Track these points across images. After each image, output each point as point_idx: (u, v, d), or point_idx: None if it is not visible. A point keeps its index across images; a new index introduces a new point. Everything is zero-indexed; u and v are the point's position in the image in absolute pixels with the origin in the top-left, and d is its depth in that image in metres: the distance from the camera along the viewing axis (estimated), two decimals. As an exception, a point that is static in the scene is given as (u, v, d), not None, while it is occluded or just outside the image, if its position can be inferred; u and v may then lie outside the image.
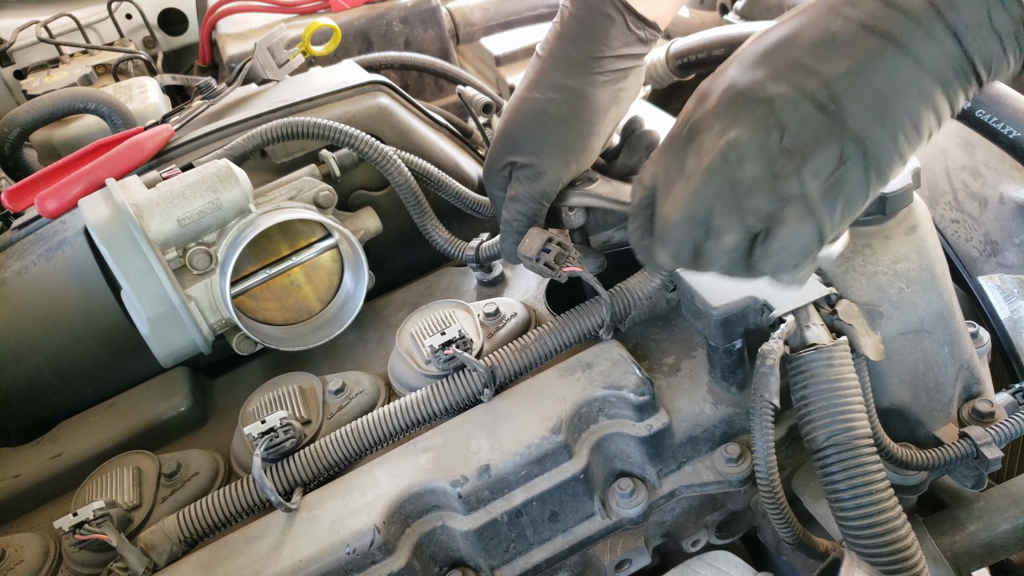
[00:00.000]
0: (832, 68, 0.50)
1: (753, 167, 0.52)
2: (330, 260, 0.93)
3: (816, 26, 0.52)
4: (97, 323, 0.92)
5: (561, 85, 0.74)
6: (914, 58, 0.50)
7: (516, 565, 0.73)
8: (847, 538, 0.62)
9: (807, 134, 0.51)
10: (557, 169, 0.75)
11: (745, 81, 0.53)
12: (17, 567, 0.73)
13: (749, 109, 0.52)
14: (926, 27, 0.49)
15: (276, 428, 0.73)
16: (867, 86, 0.50)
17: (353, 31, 1.57)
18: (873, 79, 0.50)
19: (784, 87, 0.51)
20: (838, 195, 0.52)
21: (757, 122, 0.52)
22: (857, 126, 0.50)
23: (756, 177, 0.52)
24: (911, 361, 0.73)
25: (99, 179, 0.91)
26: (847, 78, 0.50)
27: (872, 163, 0.51)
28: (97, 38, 2.00)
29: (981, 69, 0.51)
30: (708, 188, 0.54)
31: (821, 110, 0.51)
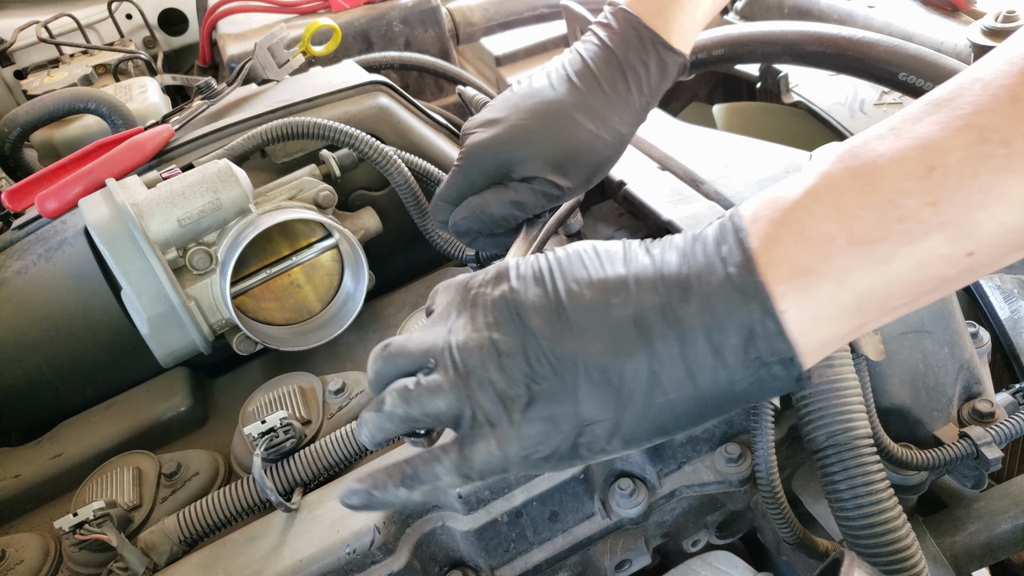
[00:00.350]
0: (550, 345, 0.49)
1: (494, 371, 0.51)
2: (330, 260, 0.93)
3: (598, 292, 0.49)
4: (97, 323, 0.92)
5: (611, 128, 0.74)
6: (658, 374, 0.47)
7: (516, 565, 0.73)
8: (847, 538, 0.62)
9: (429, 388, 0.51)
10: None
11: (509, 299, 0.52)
12: (17, 567, 0.73)
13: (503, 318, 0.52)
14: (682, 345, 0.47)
15: (276, 428, 0.73)
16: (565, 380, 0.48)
17: (353, 31, 1.57)
18: (610, 374, 0.48)
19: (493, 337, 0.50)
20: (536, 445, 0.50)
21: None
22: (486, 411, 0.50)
23: (494, 382, 0.51)
24: (911, 361, 0.73)
25: (99, 179, 0.91)
26: (593, 360, 0.48)
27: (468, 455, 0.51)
28: (97, 38, 2.00)
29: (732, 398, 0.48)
30: (472, 350, 0.54)
31: (461, 378, 0.50)
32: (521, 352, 0.49)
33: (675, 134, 0.91)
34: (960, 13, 1.26)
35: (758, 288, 0.45)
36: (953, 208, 0.41)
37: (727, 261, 0.46)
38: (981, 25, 1.12)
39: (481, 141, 0.74)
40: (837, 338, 0.46)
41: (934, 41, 1.21)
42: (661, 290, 0.47)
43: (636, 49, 0.74)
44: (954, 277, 0.43)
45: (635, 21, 0.74)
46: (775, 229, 0.46)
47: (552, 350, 0.49)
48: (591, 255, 0.52)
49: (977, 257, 0.42)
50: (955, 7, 1.27)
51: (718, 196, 0.81)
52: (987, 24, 1.11)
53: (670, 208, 0.82)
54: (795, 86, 1.37)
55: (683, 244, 0.49)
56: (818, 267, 0.44)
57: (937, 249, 0.42)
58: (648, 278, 0.48)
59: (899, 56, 1.00)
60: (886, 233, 0.42)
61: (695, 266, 0.47)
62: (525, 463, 0.51)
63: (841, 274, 0.44)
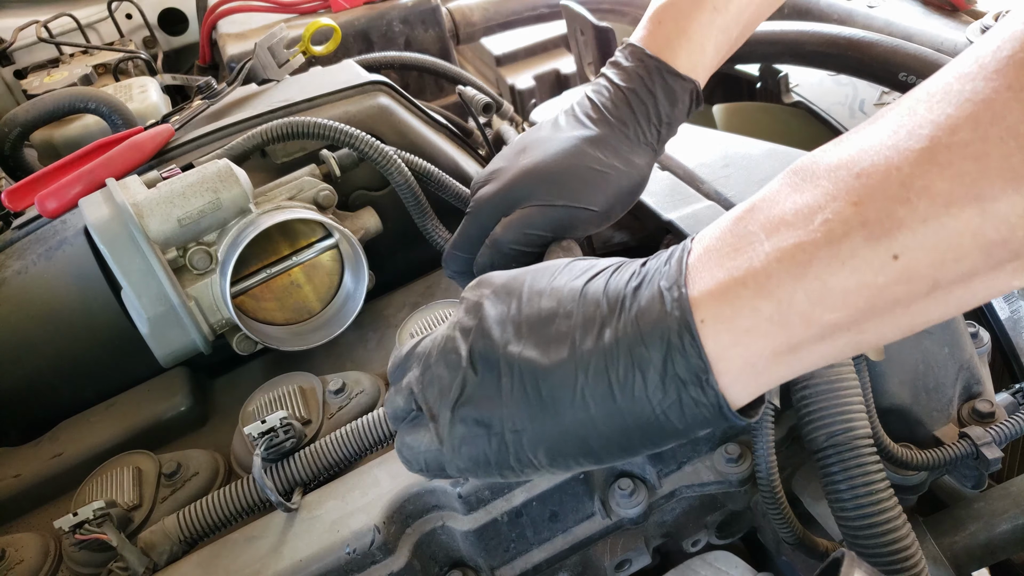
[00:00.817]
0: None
1: (441, 368, 0.54)
2: (330, 260, 0.93)
3: (555, 302, 0.50)
4: (97, 323, 0.92)
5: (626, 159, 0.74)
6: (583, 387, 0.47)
7: (516, 565, 0.73)
8: (847, 538, 0.62)
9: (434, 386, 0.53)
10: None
11: (478, 303, 0.54)
12: (17, 567, 0.73)
13: (466, 325, 0.54)
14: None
15: (276, 428, 0.73)
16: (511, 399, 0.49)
17: (353, 31, 1.57)
18: (541, 384, 0.48)
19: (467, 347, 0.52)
20: (469, 452, 0.52)
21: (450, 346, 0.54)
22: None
23: (441, 377, 0.54)
24: (911, 361, 0.73)
25: (99, 179, 0.91)
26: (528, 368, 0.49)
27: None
28: (97, 38, 2.00)
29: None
30: (433, 351, 0.57)
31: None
32: (468, 353, 0.51)
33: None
34: (960, 13, 1.26)
35: (681, 299, 0.44)
36: (874, 204, 0.39)
37: (662, 274, 0.46)
38: (981, 25, 1.12)
39: (488, 190, 0.76)
40: (763, 359, 0.43)
41: (934, 41, 1.21)
42: (603, 304, 0.47)
43: (642, 79, 0.75)
44: (885, 286, 0.39)
45: (641, 53, 0.75)
46: (714, 242, 0.45)
47: (496, 354, 0.50)
48: (559, 268, 0.53)
49: (905, 262, 0.38)
50: (955, 7, 1.27)
51: (718, 196, 0.81)
52: (987, 24, 1.11)
53: (670, 208, 0.82)
54: (795, 86, 1.37)
55: (633, 266, 0.50)
56: (739, 275, 0.42)
57: (858, 250, 0.39)
58: (596, 293, 0.48)
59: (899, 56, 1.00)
60: (808, 236, 0.40)
61: (638, 283, 0.47)
62: (458, 462, 0.52)
63: (761, 281, 0.41)
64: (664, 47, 0.75)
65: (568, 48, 1.77)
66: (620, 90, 0.75)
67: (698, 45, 0.75)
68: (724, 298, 0.43)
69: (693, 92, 0.76)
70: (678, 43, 0.75)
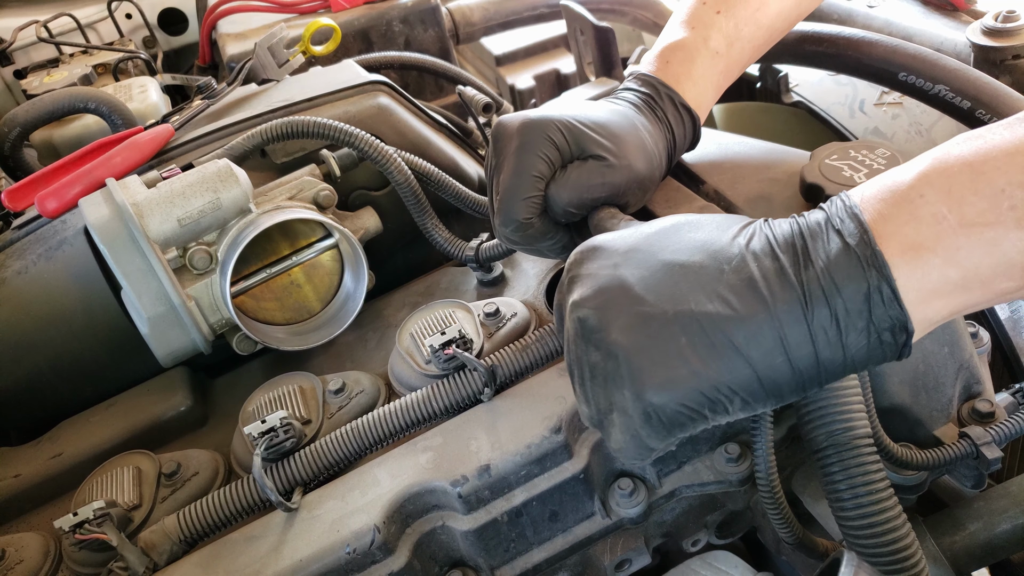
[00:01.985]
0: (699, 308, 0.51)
1: (595, 356, 0.53)
2: (330, 260, 0.93)
3: (717, 260, 0.52)
4: (97, 323, 0.92)
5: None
6: (779, 335, 0.49)
7: (516, 565, 0.73)
8: (847, 538, 0.62)
9: None
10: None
11: (624, 274, 0.53)
12: (17, 567, 0.73)
13: (610, 301, 0.53)
14: (809, 308, 0.49)
15: (276, 428, 0.73)
16: (722, 336, 0.50)
17: (353, 31, 1.57)
18: (733, 335, 0.50)
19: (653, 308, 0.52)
20: (661, 420, 0.51)
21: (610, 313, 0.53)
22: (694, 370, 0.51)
23: (596, 367, 0.53)
24: (911, 361, 0.73)
25: (99, 179, 0.91)
26: (710, 321, 0.50)
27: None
28: (97, 38, 2.00)
29: (854, 361, 0.50)
30: (569, 354, 0.56)
31: None
32: (626, 324, 0.51)
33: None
34: (960, 13, 1.26)
35: (876, 256, 0.48)
36: None
37: (843, 233, 0.50)
38: (981, 25, 1.12)
39: (542, 116, 0.72)
40: (941, 316, 0.49)
41: (934, 41, 1.21)
42: (780, 257, 0.50)
43: (654, 99, 0.78)
44: None
45: (654, 80, 0.79)
46: (886, 208, 0.50)
47: (663, 316, 0.51)
48: (689, 225, 0.55)
49: None
50: (955, 7, 1.26)
51: (718, 196, 0.81)
52: (987, 24, 1.11)
53: (669, 208, 0.82)
54: (795, 86, 1.37)
55: (786, 223, 0.53)
56: (928, 244, 0.48)
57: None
58: (761, 246, 0.51)
59: (899, 56, 1.00)
60: (997, 218, 0.46)
61: (809, 238, 0.51)
62: (657, 431, 0.52)
63: (950, 252, 0.47)
64: (673, 84, 0.78)
65: (568, 48, 1.77)
66: (647, 98, 0.78)
67: (702, 87, 0.80)
68: (916, 265, 0.48)
69: (696, 126, 0.80)
70: (685, 83, 0.78)
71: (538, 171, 0.70)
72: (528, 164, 0.70)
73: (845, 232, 0.50)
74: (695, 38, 0.80)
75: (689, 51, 0.79)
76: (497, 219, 0.73)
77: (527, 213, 0.71)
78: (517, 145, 0.71)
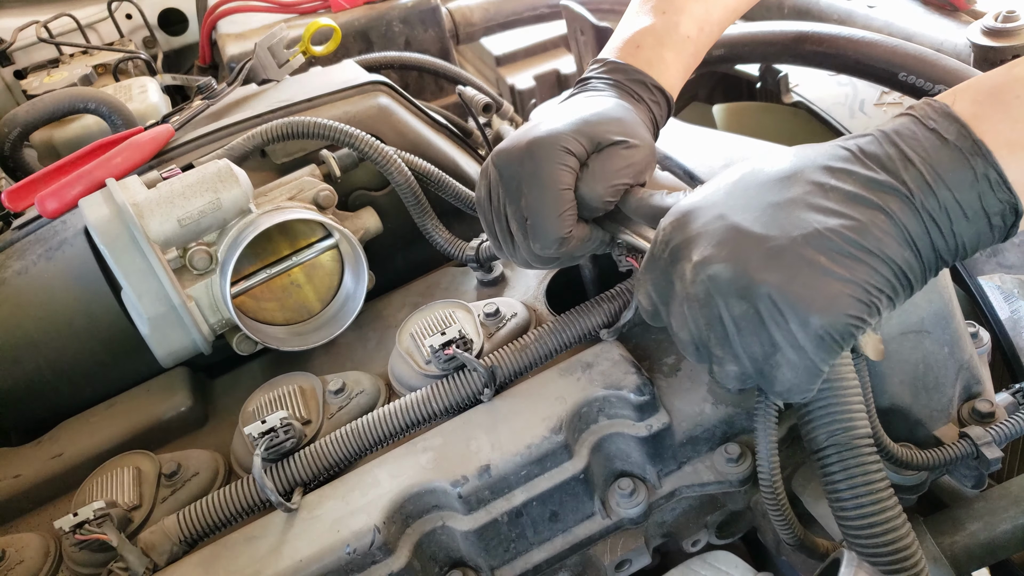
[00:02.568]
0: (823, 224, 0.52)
1: (740, 306, 0.53)
2: (330, 260, 0.93)
3: (814, 183, 0.54)
4: (97, 323, 0.92)
5: None
6: (901, 229, 0.52)
7: (516, 565, 0.73)
8: (847, 538, 0.62)
9: None
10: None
11: (736, 220, 0.55)
12: (17, 567, 0.73)
13: (737, 248, 0.54)
14: (918, 201, 0.52)
15: (276, 428, 0.73)
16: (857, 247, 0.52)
17: (353, 31, 1.57)
18: (865, 241, 0.52)
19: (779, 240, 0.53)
20: (834, 337, 0.53)
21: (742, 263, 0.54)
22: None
23: (744, 317, 0.53)
24: (911, 361, 0.73)
25: (99, 179, 0.91)
26: (837, 235, 0.52)
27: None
28: (97, 38, 2.00)
29: (964, 247, 0.54)
30: (698, 319, 0.56)
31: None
32: (765, 261, 0.52)
33: (675, 134, 0.91)
34: (960, 13, 1.26)
35: (979, 146, 0.50)
36: None
37: (939, 131, 0.52)
38: (981, 25, 1.12)
39: (552, 127, 0.71)
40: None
41: (934, 41, 1.21)
42: (874, 165, 0.53)
43: (626, 84, 0.78)
44: None
45: (625, 67, 0.79)
46: (980, 109, 0.52)
47: (794, 242, 0.52)
48: (767, 158, 0.57)
49: None
50: (955, 7, 1.26)
51: (718, 196, 0.81)
52: (987, 24, 1.11)
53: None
54: (795, 86, 1.37)
55: (866, 135, 0.54)
56: (1021, 139, 0.50)
57: None
58: (846, 157, 0.54)
59: (899, 56, 1.00)
60: None
61: (902, 141, 0.53)
62: (830, 348, 0.53)
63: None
64: (645, 68, 0.79)
65: (568, 48, 1.77)
66: (624, 86, 0.78)
67: (672, 71, 0.80)
68: (1014, 159, 0.50)
69: (670, 106, 0.80)
70: (657, 68, 0.79)
71: (565, 183, 0.69)
72: (553, 180, 0.69)
73: (941, 129, 0.51)
74: (665, 23, 0.80)
75: (659, 36, 0.80)
76: (536, 244, 0.71)
77: (567, 227, 0.70)
78: (532, 166, 0.70)
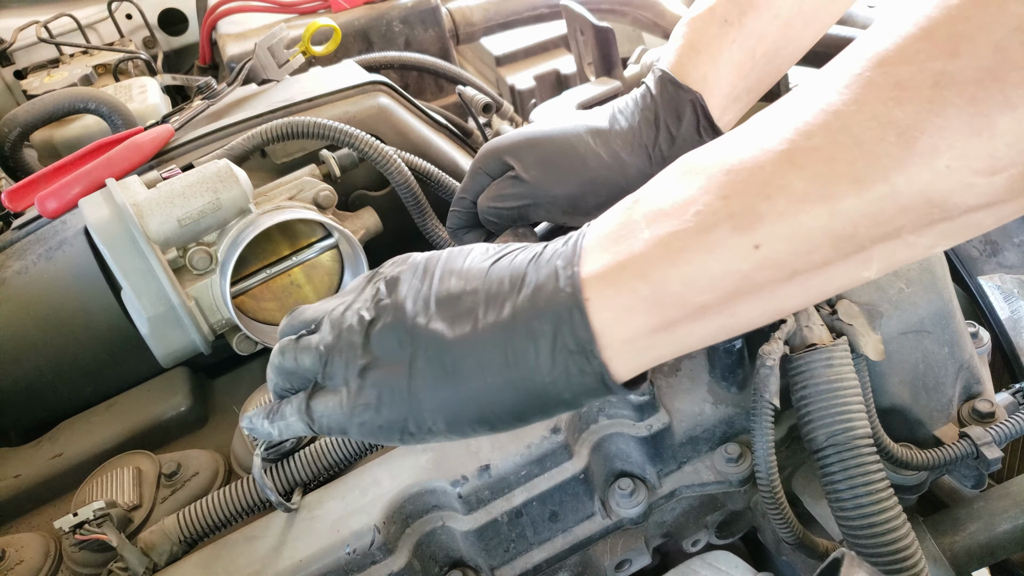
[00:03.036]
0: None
1: (356, 337, 0.55)
2: (330, 260, 0.93)
3: (460, 279, 0.53)
4: (97, 323, 0.92)
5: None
6: (479, 357, 0.50)
7: (516, 565, 0.73)
8: (847, 538, 0.62)
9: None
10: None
11: (395, 277, 0.56)
12: (17, 567, 0.73)
13: (382, 296, 0.56)
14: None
15: (276, 428, 0.73)
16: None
17: (353, 31, 1.57)
18: (443, 356, 0.50)
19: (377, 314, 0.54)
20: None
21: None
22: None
23: (353, 342, 0.55)
24: (911, 361, 0.73)
25: (99, 179, 0.91)
26: (431, 340, 0.51)
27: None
28: (97, 38, 1.99)
29: None
30: None
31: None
32: (382, 323, 0.53)
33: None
34: (960, 13, 1.26)
35: (573, 277, 0.47)
36: (740, 199, 0.43)
37: (559, 255, 0.49)
38: (981, 25, 1.12)
39: (486, 147, 0.81)
40: (641, 336, 0.47)
41: (934, 41, 1.21)
42: (505, 282, 0.50)
43: (649, 88, 0.78)
44: (748, 273, 0.43)
45: (654, 68, 0.78)
46: (603, 228, 0.49)
47: (406, 326, 0.52)
48: (473, 250, 0.56)
49: (765, 251, 0.43)
50: (955, 7, 1.26)
51: (718, 196, 0.81)
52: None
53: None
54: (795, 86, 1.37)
55: (540, 247, 0.52)
56: (622, 259, 0.46)
57: (726, 240, 0.43)
58: (500, 271, 0.52)
59: (899, 56, 1.00)
60: (682, 226, 0.44)
61: (534, 264, 0.50)
62: (361, 427, 0.53)
63: (639, 264, 0.46)
64: (675, 62, 0.77)
65: (568, 48, 1.77)
66: (642, 96, 0.78)
67: (707, 56, 0.75)
68: (607, 279, 0.47)
69: (695, 103, 0.75)
70: (686, 56, 0.76)
71: (465, 190, 0.82)
72: (464, 183, 0.82)
73: (560, 256, 0.49)
74: (702, 10, 0.78)
75: (692, 23, 0.77)
76: None
77: (452, 222, 0.85)
78: (469, 168, 0.82)
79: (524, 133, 0.79)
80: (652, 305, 0.45)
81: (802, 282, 0.44)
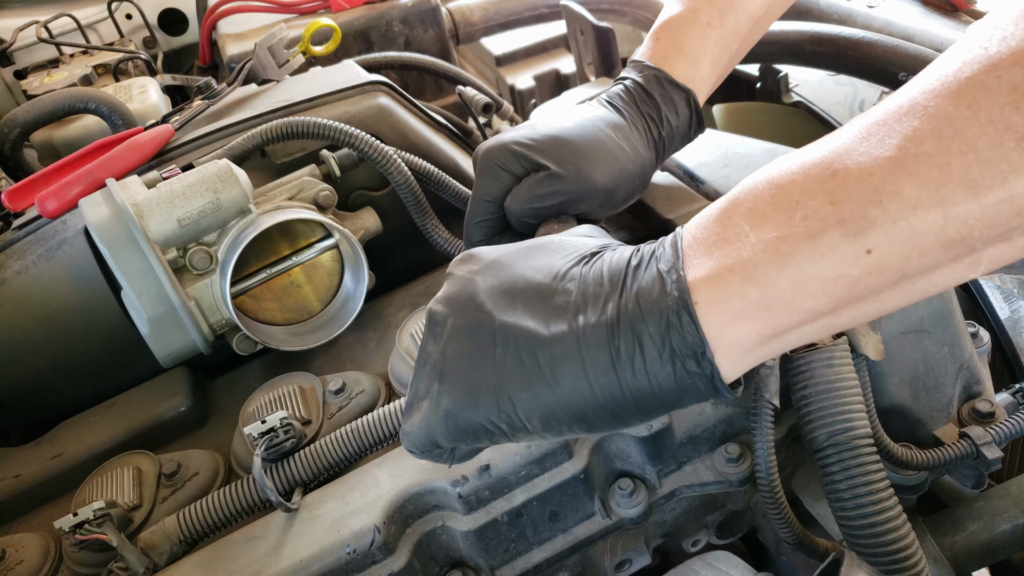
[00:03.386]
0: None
1: (432, 346, 0.56)
2: (330, 260, 0.93)
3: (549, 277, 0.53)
4: (97, 323, 0.92)
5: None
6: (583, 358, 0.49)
7: (516, 565, 0.73)
8: (847, 538, 0.62)
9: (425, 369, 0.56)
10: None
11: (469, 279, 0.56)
12: (17, 567, 0.73)
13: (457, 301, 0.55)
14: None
15: (276, 428, 0.73)
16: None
17: (353, 31, 1.57)
18: (539, 354, 0.50)
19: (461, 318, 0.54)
20: (457, 423, 0.53)
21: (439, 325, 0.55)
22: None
23: (429, 356, 0.56)
24: (911, 361, 0.73)
25: (99, 179, 0.91)
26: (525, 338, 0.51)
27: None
28: (97, 38, 2.00)
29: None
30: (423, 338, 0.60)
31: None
32: (457, 324, 0.53)
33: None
34: (960, 13, 1.26)
35: (679, 281, 0.48)
36: (849, 205, 0.43)
37: (659, 259, 0.50)
38: (981, 25, 1.12)
39: (501, 143, 0.76)
40: (751, 340, 0.47)
41: (934, 41, 1.21)
42: (605, 283, 0.50)
43: (643, 85, 0.79)
44: (859, 278, 0.44)
45: (641, 65, 0.80)
46: (700, 231, 0.49)
47: (489, 325, 0.52)
48: (552, 245, 0.56)
49: (877, 256, 0.43)
50: (955, 7, 1.26)
51: (718, 196, 0.81)
52: (987, 24, 1.11)
53: (670, 208, 0.83)
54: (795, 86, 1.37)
55: (629, 251, 0.53)
56: (729, 263, 0.47)
57: (836, 245, 0.44)
58: (597, 272, 0.52)
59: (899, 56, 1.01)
60: (790, 230, 0.45)
61: (634, 266, 0.51)
62: (448, 431, 0.53)
63: (748, 269, 0.46)
64: (662, 61, 0.79)
65: (568, 48, 1.77)
66: (629, 91, 0.79)
67: (693, 59, 0.79)
68: (716, 283, 0.47)
69: (690, 101, 0.79)
70: (674, 57, 0.79)
71: (489, 194, 0.76)
72: (481, 188, 0.76)
73: (662, 259, 0.50)
74: (684, 12, 0.80)
75: (677, 26, 0.80)
76: (464, 244, 0.80)
77: (480, 235, 0.78)
78: (477, 171, 0.77)
79: (543, 131, 0.76)
80: (762, 309, 0.46)
81: (908, 285, 0.45)
